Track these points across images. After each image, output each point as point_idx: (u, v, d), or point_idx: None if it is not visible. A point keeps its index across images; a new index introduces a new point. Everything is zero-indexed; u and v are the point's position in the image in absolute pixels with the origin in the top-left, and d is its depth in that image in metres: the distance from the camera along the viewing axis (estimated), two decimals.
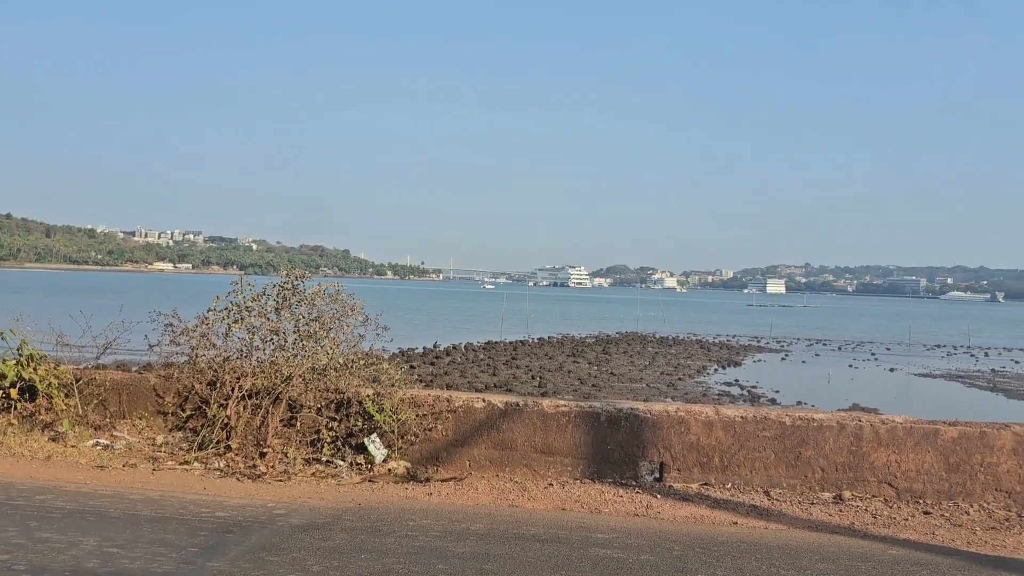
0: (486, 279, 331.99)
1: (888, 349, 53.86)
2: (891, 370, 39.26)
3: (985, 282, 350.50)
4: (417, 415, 7.99)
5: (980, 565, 5.76)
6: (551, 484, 7.53)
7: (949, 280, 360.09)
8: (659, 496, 7.23)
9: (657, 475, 7.75)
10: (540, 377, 29.64)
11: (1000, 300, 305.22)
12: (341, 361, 8.39)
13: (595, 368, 34.09)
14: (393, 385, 8.24)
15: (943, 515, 7.01)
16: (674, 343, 51.39)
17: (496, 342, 44.51)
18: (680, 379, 31.60)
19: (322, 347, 8.39)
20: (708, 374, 34.45)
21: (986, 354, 52.45)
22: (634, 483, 7.61)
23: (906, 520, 6.83)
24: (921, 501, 7.32)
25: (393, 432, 7.91)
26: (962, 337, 66.57)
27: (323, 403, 8.13)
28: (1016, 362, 46.39)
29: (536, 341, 47.41)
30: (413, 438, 7.98)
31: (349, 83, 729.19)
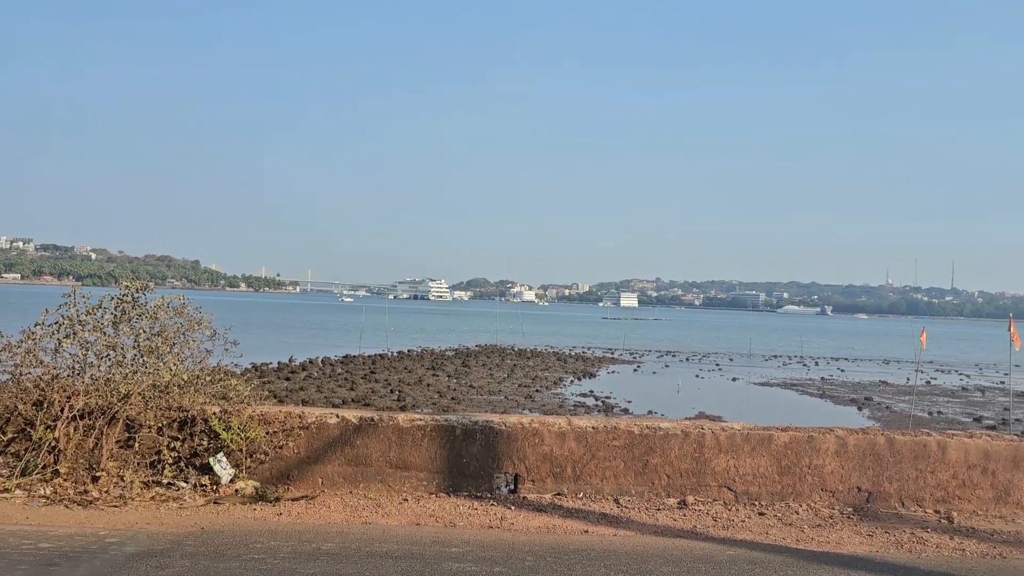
0: (345, 292, 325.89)
1: (731, 360, 56.99)
2: (733, 379, 41.51)
3: (816, 297, 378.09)
4: (267, 432, 7.71)
5: (807, 561, 6.17)
6: (406, 499, 7.46)
7: (785, 295, 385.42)
8: (513, 508, 7.31)
9: (512, 487, 7.84)
10: (399, 391, 29.35)
11: (829, 313, 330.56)
12: (185, 378, 8.00)
13: (455, 381, 34.12)
14: (242, 402, 7.94)
15: (776, 515, 7.46)
16: (532, 355, 52.23)
17: (354, 356, 43.74)
18: (538, 391, 32.12)
19: (165, 363, 7.97)
20: (564, 385, 35.21)
21: (816, 363, 56.47)
22: (489, 495, 7.66)
23: (743, 521, 7.23)
24: (757, 503, 7.76)
25: (241, 451, 7.60)
26: (796, 348, 71.35)
27: (165, 422, 7.70)
28: (842, 371, 50.17)
29: (396, 355, 46.97)
30: (263, 456, 7.70)
31: (189, 77, 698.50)
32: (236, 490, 7.47)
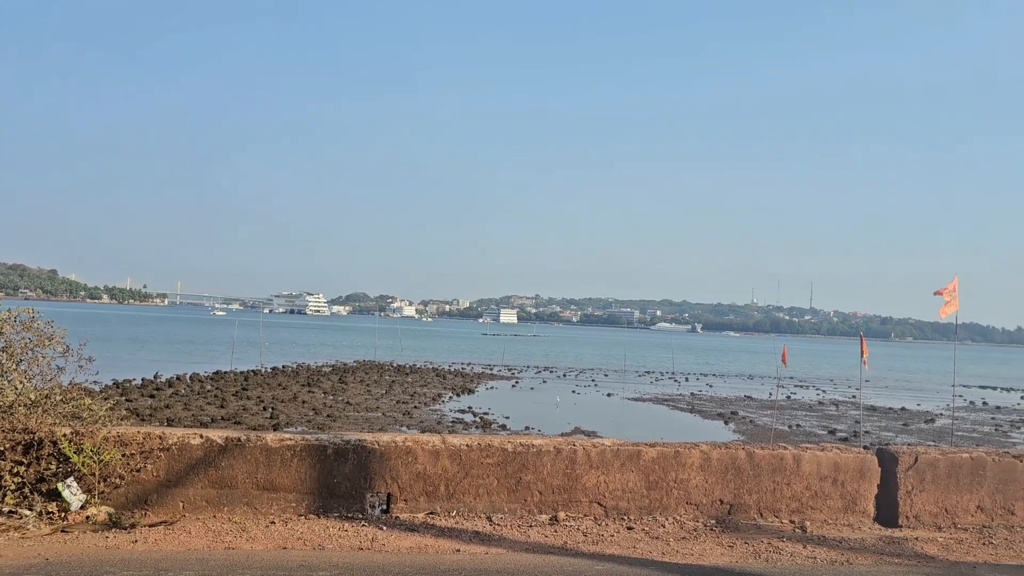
0: (217, 305, 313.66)
1: (606, 375, 58.38)
2: (608, 395, 42.52)
3: (687, 315, 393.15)
4: (124, 455, 7.29)
5: (673, 573, 6.36)
6: (273, 522, 7.21)
7: (658, 312, 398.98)
8: (385, 528, 7.20)
9: (384, 507, 7.72)
10: (272, 408, 28.44)
11: (699, 331, 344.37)
12: (33, 397, 7.48)
13: (331, 398, 33.39)
14: (96, 422, 7.48)
15: (644, 529, 7.67)
16: (411, 371, 51.82)
17: (225, 372, 42.11)
18: (416, 407, 31.86)
19: (9, 381, 7.42)
20: (443, 402, 35.09)
21: (686, 379, 58.63)
22: (360, 516, 7.51)
23: (612, 536, 7.38)
24: (626, 517, 7.95)
25: (94, 475, 7.15)
26: (668, 364, 73.91)
27: (8, 445, 7.15)
28: (710, 386, 52.30)
29: (270, 371, 45.56)
30: (118, 480, 7.27)
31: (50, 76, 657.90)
32: (87, 517, 7.01)
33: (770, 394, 44.18)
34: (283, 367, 48.70)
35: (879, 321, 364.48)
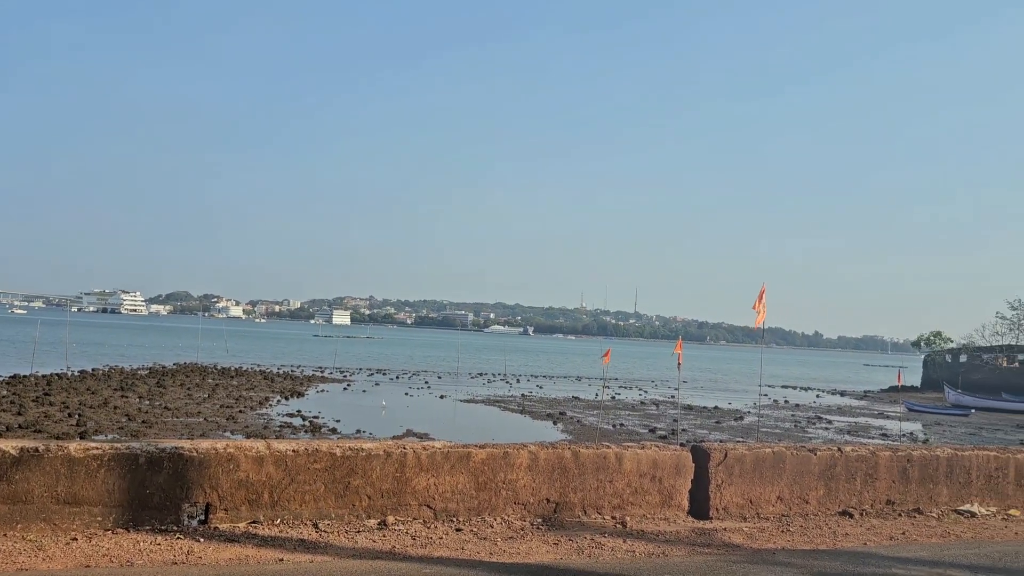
0: (16, 302, 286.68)
1: (440, 377, 58.57)
2: (441, 397, 42.67)
3: (519, 317, 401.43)
4: None
5: (499, 572, 6.45)
6: (75, 539, 6.65)
7: (492, 315, 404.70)
8: (203, 540, 6.83)
9: (202, 517, 7.32)
10: (79, 415, 26.41)
11: (531, 333, 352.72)
12: None
13: (147, 403, 31.43)
14: None
15: (472, 530, 7.72)
16: (237, 374, 49.70)
17: (25, 376, 38.65)
18: (241, 411, 30.60)
19: None
20: (271, 406, 33.91)
21: (518, 380, 59.93)
22: (176, 528, 7.08)
23: (441, 539, 7.39)
24: (455, 519, 7.98)
25: None
26: (500, 366, 75.13)
27: None
28: (540, 387, 53.72)
29: (77, 374, 42.29)
30: None
31: None
32: None
33: (596, 395, 45.97)
34: (93, 370, 45.35)
35: (696, 325, 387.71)
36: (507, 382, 57.85)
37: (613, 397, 47.24)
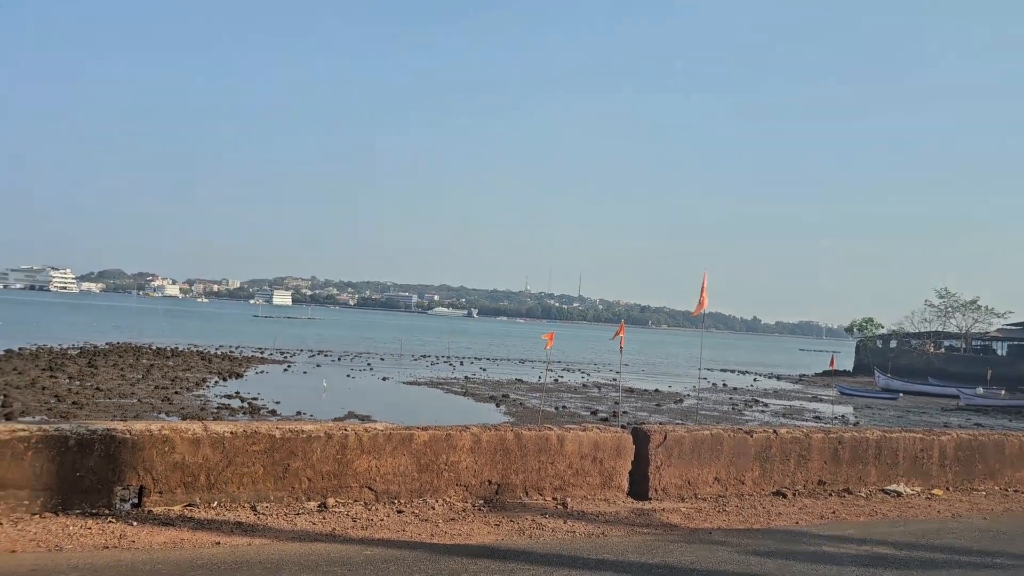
0: None
1: (382, 359, 58.20)
2: (384, 379, 42.44)
3: (464, 300, 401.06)
4: None
5: (440, 554, 6.44)
6: (0, 524, 6.43)
7: (436, 297, 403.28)
8: (135, 523, 6.66)
9: (135, 500, 7.14)
10: (4, 395, 25.51)
11: (475, 316, 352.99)
12: None
13: (77, 383, 30.54)
14: None
15: (414, 512, 7.70)
16: (173, 355, 48.62)
17: None
18: (177, 393, 29.97)
19: None
20: (208, 387, 33.30)
21: (461, 363, 59.92)
22: (108, 512, 6.89)
23: (382, 521, 7.35)
24: (396, 501, 7.95)
25: None
26: (444, 348, 75.04)
27: None
28: (483, 370, 53.81)
29: (2, 353, 40.80)
30: None
31: None
32: None
33: (539, 377, 46.25)
34: (19, 349, 43.85)
35: (639, 309, 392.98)
36: (451, 364, 57.81)
37: (556, 380, 47.60)
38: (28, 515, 6.65)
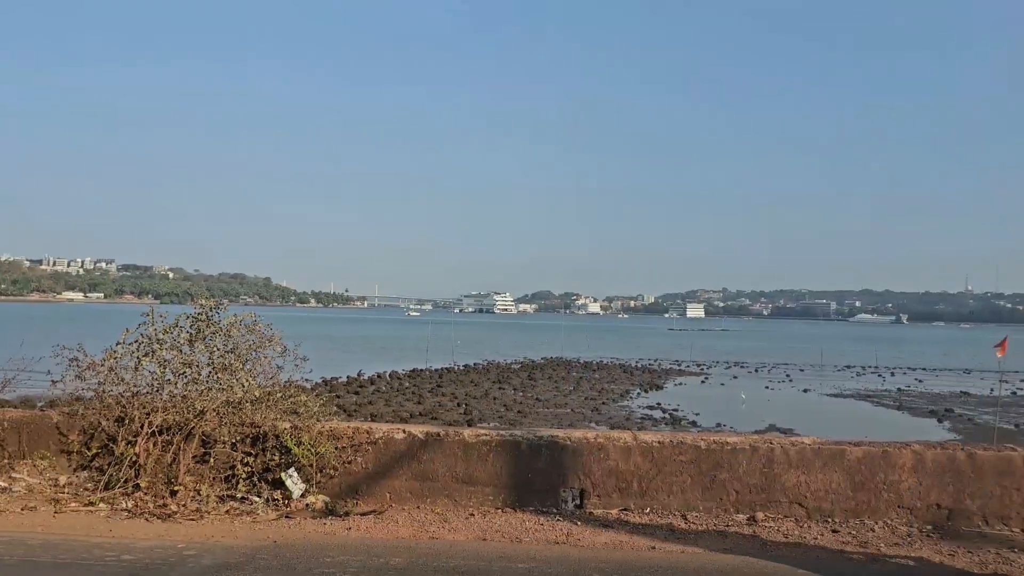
0: (411, 306, 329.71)
1: (802, 370, 55.59)
2: (805, 391, 40.53)
3: (890, 305, 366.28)
4: (336, 448, 7.86)
5: None
6: (473, 514, 7.50)
7: (857, 303, 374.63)
8: (579, 523, 7.29)
9: (578, 502, 7.81)
10: (466, 404, 29.55)
11: (904, 322, 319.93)
12: (257, 394, 8.19)
13: (520, 394, 34.18)
14: (312, 417, 8.09)
15: (851, 533, 7.25)
16: (598, 368, 51.94)
17: (421, 370, 44.20)
18: (604, 404, 31.94)
19: (237, 380, 8.18)
20: (631, 398, 34.93)
21: (892, 374, 54.66)
22: (555, 511, 7.65)
23: (815, 539, 7.05)
24: (830, 520, 7.56)
25: (311, 466, 7.76)
26: (870, 358, 69.22)
27: (238, 438, 7.92)
28: (919, 381, 48.46)
29: (462, 368, 47.28)
30: (332, 471, 7.85)
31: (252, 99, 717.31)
32: (307, 504, 7.62)
33: (991, 390, 40.35)
34: (474, 365, 50.36)
35: None
36: (879, 375, 53.10)
37: (1014, 393, 41.04)
38: (493, 508, 7.67)
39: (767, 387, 42.53)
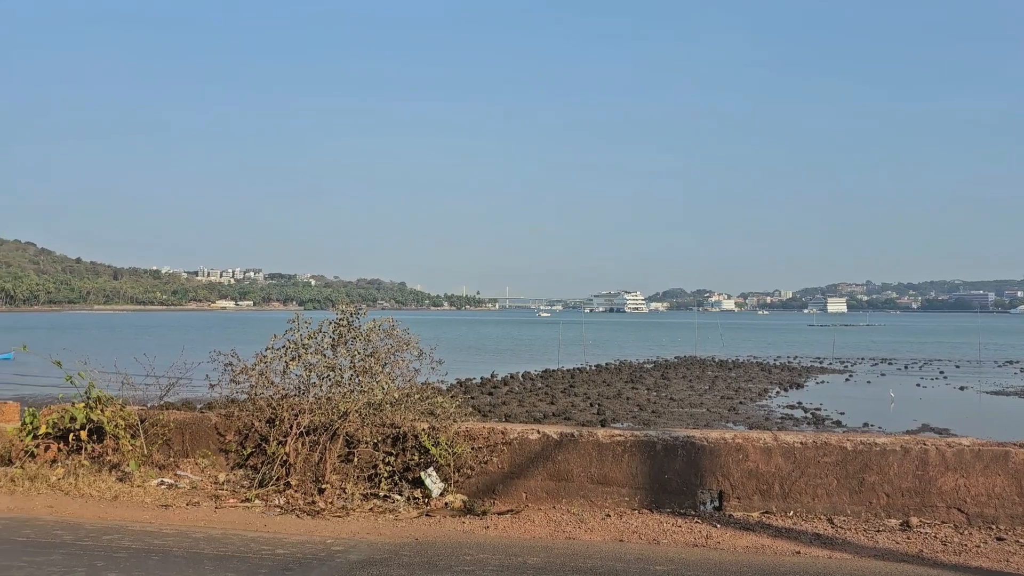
0: (542, 307, 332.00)
1: (957, 367, 52.09)
2: (961, 388, 37.96)
3: None
4: (472, 448, 8.02)
5: None
6: (608, 515, 7.47)
7: (1020, 293, 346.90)
8: (718, 526, 7.11)
9: (716, 504, 7.63)
10: (599, 404, 29.46)
11: None
12: (396, 396, 8.48)
13: (654, 394, 33.74)
14: (448, 418, 8.30)
15: (1018, 541, 6.73)
16: (734, 366, 50.54)
17: (554, 370, 44.41)
18: (741, 403, 31.06)
19: (377, 382, 8.50)
20: (770, 397, 33.80)
21: None
22: (693, 512, 7.50)
23: (978, 547, 6.58)
24: (993, 527, 7.04)
25: (449, 465, 7.95)
26: None
27: (379, 438, 8.22)
28: None
29: (593, 368, 47.16)
30: (469, 471, 8.01)
31: (378, 113, 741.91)
32: (445, 503, 7.82)
33: None
34: (606, 364, 50.12)
35: None
36: None
37: None
38: (629, 510, 7.61)
39: (919, 385, 40.10)
